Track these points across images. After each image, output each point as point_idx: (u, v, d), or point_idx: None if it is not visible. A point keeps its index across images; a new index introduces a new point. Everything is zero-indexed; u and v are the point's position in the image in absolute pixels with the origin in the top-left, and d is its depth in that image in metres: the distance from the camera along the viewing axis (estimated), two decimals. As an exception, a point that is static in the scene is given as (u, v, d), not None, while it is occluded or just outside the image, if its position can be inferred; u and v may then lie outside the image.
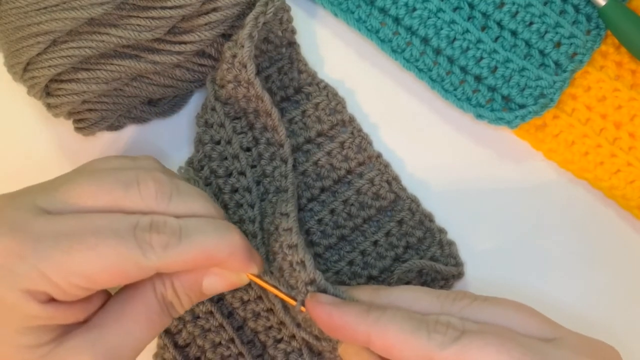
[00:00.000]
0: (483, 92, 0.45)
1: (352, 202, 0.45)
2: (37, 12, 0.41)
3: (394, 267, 0.44)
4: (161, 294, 0.37)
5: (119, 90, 0.44)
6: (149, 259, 0.34)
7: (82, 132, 0.45)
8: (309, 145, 0.46)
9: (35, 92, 0.43)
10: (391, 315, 0.35)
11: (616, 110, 0.45)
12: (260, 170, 0.44)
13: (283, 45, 0.46)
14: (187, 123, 0.47)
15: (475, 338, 0.34)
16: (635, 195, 0.44)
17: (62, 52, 0.41)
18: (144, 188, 0.36)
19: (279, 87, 0.46)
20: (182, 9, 0.41)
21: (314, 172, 0.45)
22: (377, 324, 0.35)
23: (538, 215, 0.46)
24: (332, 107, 0.46)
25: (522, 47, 0.45)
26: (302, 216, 0.45)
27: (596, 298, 0.45)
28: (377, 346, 0.35)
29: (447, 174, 0.47)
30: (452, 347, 0.34)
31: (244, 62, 0.42)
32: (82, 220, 0.34)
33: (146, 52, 0.43)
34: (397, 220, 0.45)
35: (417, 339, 0.34)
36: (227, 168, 0.44)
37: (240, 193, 0.43)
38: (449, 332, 0.34)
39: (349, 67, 0.48)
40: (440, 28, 0.45)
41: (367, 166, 0.46)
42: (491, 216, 0.46)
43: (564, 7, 0.46)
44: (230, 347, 0.42)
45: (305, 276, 0.37)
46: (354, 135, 0.46)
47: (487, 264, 0.45)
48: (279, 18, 0.44)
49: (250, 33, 0.42)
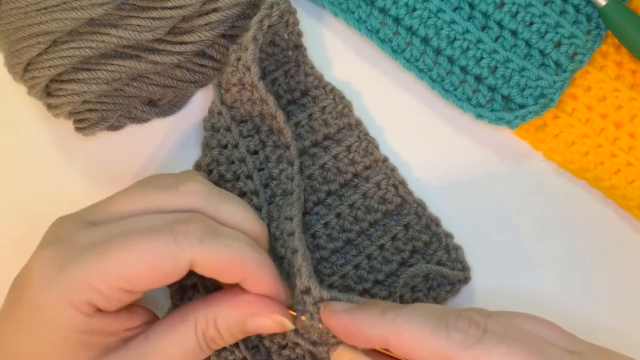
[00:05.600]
0: (483, 92, 0.45)
1: (358, 206, 0.45)
2: (38, 13, 0.41)
3: (400, 272, 0.44)
4: (202, 330, 0.37)
5: (119, 91, 0.44)
6: (182, 248, 0.34)
7: (82, 132, 0.45)
8: (316, 149, 0.45)
9: (36, 92, 0.43)
10: (407, 315, 0.35)
11: (616, 110, 0.45)
12: (268, 173, 0.44)
13: (289, 48, 0.46)
14: (188, 123, 0.47)
15: (499, 343, 0.33)
16: (635, 195, 0.44)
17: (62, 52, 0.41)
18: (183, 187, 0.37)
19: (286, 90, 0.46)
20: (182, 9, 0.41)
21: (320, 175, 0.45)
22: (393, 325, 0.34)
23: (538, 215, 0.46)
24: (338, 110, 0.46)
25: (522, 47, 0.45)
26: (308, 219, 0.44)
27: (596, 298, 0.45)
28: (395, 347, 0.35)
29: (446, 174, 0.47)
30: (473, 350, 0.32)
31: (248, 65, 0.41)
32: (119, 224, 0.35)
33: (146, 52, 0.43)
34: (404, 224, 0.45)
35: (436, 339, 0.33)
36: (234, 172, 0.44)
37: (248, 197, 0.43)
38: (470, 330, 0.33)
39: (353, 69, 0.47)
40: (441, 28, 0.45)
41: (374, 170, 0.46)
42: (491, 217, 0.46)
43: (564, 7, 0.46)
44: (235, 352, 0.42)
45: (300, 284, 0.37)
46: (360, 138, 0.46)
47: (487, 265, 0.45)
48: (285, 21, 0.44)
49: (254, 36, 0.41)
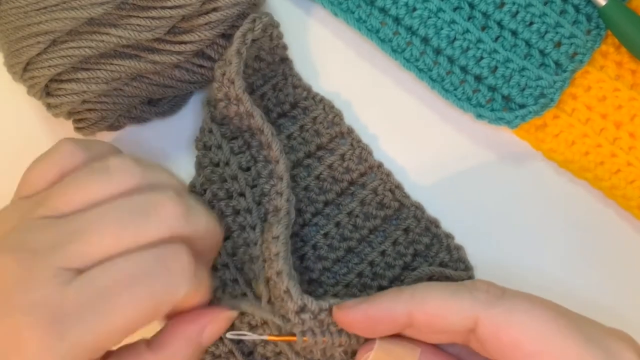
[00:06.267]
0: (483, 92, 0.45)
1: (356, 214, 0.45)
2: (37, 12, 0.41)
3: (404, 276, 0.43)
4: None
5: (119, 90, 0.44)
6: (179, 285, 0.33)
7: (82, 132, 0.45)
8: (310, 160, 0.45)
9: (35, 92, 0.43)
10: (424, 287, 0.34)
11: (616, 110, 0.45)
12: (260, 189, 0.43)
13: (275, 61, 0.46)
14: (187, 123, 0.47)
15: (522, 299, 0.32)
16: (636, 195, 0.44)
17: (62, 52, 0.41)
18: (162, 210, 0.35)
19: (275, 103, 0.46)
20: (182, 8, 0.41)
21: (316, 186, 0.45)
22: (414, 299, 0.34)
23: (538, 215, 0.46)
24: (329, 119, 0.46)
25: (523, 47, 0.45)
26: (307, 231, 0.44)
27: (596, 298, 0.45)
28: (420, 320, 0.34)
29: (446, 175, 0.47)
30: (498, 307, 0.32)
31: (232, 79, 0.41)
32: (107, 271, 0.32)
33: (146, 52, 0.43)
34: (403, 228, 0.44)
35: (460, 299, 0.33)
36: (227, 190, 0.43)
37: (242, 215, 0.42)
38: (491, 289, 0.33)
39: (347, 76, 0.47)
40: (441, 28, 0.44)
41: (369, 176, 0.45)
42: (491, 217, 0.46)
43: (564, 7, 0.46)
44: None
45: (293, 305, 0.36)
46: (353, 146, 0.45)
47: (488, 265, 0.45)
48: (269, 34, 0.44)
49: (238, 49, 0.41)
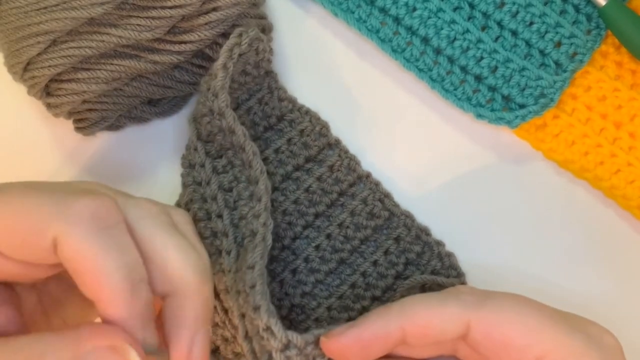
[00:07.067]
0: (483, 91, 0.45)
1: (347, 225, 0.44)
2: (37, 12, 0.41)
3: (397, 285, 0.43)
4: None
5: (119, 90, 0.44)
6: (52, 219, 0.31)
7: (82, 132, 0.45)
8: (299, 173, 0.45)
9: (35, 92, 0.43)
10: (410, 300, 0.34)
11: (616, 110, 0.45)
12: (239, 212, 0.41)
13: (260, 75, 0.45)
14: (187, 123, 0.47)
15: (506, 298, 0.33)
16: (635, 195, 0.44)
17: (62, 52, 0.41)
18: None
19: (261, 117, 0.45)
20: (182, 8, 0.41)
21: (306, 199, 0.44)
22: (404, 313, 0.34)
23: (538, 215, 0.46)
24: (317, 131, 0.46)
25: (523, 47, 0.45)
26: (299, 244, 0.44)
27: (596, 298, 0.45)
28: (414, 334, 0.33)
29: (446, 175, 0.47)
30: (486, 307, 0.32)
31: (216, 92, 0.41)
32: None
33: (146, 52, 0.43)
34: (394, 237, 0.44)
35: (449, 306, 0.33)
36: (207, 211, 0.41)
37: (219, 237, 0.40)
38: (475, 291, 0.33)
39: (349, 73, 0.47)
40: (441, 28, 0.44)
41: (358, 186, 0.45)
42: (490, 217, 0.46)
43: (565, 7, 0.46)
44: None
45: (277, 343, 0.34)
46: (341, 157, 0.45)
47: (488, 265, 0.45)
48: (255, 48, 0.43)
49: (224, 64, 0.41)
